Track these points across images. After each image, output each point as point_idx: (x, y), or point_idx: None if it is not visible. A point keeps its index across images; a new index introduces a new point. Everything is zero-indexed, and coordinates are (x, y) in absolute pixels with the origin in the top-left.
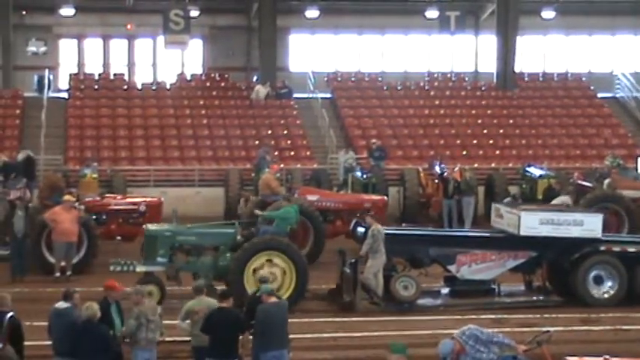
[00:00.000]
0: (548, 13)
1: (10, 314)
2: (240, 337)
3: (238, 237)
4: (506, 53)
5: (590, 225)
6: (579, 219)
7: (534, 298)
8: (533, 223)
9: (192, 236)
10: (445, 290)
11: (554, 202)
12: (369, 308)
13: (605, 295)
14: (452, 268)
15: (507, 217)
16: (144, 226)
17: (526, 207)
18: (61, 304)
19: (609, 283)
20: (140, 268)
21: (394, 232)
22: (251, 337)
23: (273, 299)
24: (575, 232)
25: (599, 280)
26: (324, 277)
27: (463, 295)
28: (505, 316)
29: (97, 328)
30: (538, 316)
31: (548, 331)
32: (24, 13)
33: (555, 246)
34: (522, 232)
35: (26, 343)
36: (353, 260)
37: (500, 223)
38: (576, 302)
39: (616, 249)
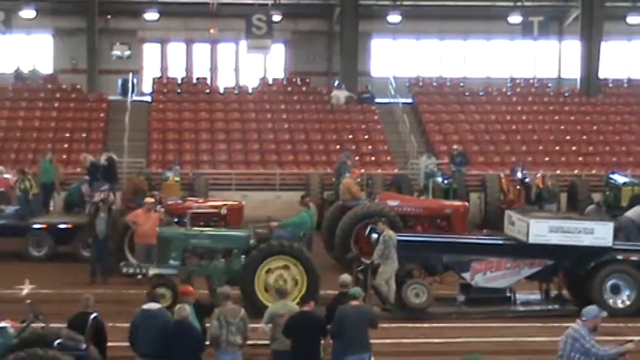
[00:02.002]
0: (633, 19)
1: (93, 315)
2: (322, 341)
3: (251, 241)
4: (591, 59)
5: (600, 233)
6: (590, 227)
7: (550, 307)
8: (542, 230)
9: (205, 239)
10: (460, 298)
11: (634, 209)
12: (381, 315)
13: (622, 305)
14: (466, 275)
15: (518, 225)
16: (157, 228)
17: (536, 214)
18: (152, 306)
19: (627, 293)
20: (153, 271)
21: (407, 239)
22: (332, 341)
23: (355, 303)
24: (585, 240)
25: (616, 290)
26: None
27: (478, 303)
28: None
29: (190, 329)
30: (622, 325)
31: (631, 341)
32: (109, 17)
33: (572, 254)
34: (531, 240)
35: (109, 343)
36: (363, 267)
37: (512, 231)
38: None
39: (634, 258)
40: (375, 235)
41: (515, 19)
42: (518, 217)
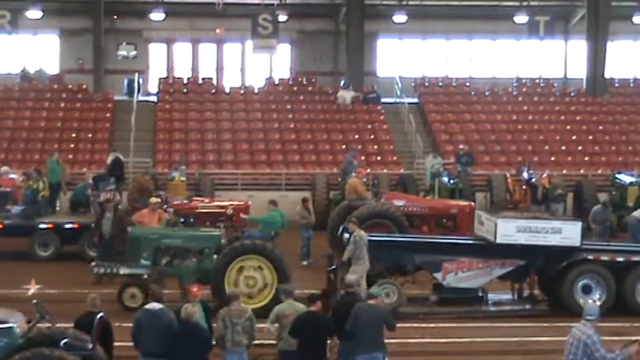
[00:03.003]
0: (639, 18)
1: (100, 315)
2: (329, 341)
3: (223, 240)
4: (597, 58)
5: (568, 233)
6: (557, 227)
7: (521, 307)
8: (509, 230)
9: (177, 239)
10: (433, 298)
11: None
12: None
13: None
14: (438, 275)
15: (487, 225)
16: (128, 228)
17: (504, 214)
18: (154, 306)
19: (598, 293)
20: (123, 271)
21: (379, 239)
22: (339, 341)
23: (371, 302)
24: (553, 240)
25: (587, 290)
26: (312, 281)
27: (449, 303)
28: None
29: (197, 329)
30: (628, 325)
31: (637, 340)
32: (115, 17)
33: (542, 254)
34: (499, 240)
35: (115, 343)
36: (334, 267)
37: (481, 230)
38: (564, 312)
39: (604, 258)
40: (346, 235)
41: (521, 18)
42: (487, 217)
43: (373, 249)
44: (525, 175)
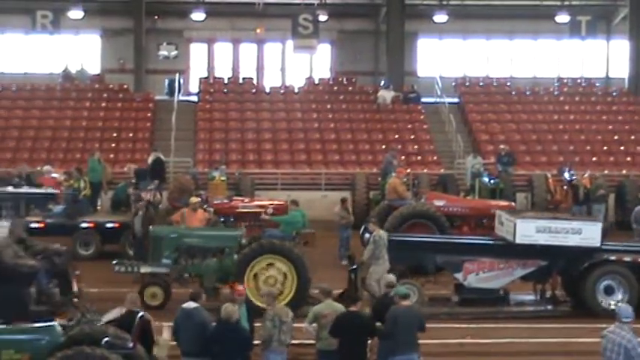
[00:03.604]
0: None
1: (140, 314)
2: (369, 341)
3: (243, 240)
4: (639, 58)
5: (588, 233)
6: (577, 227)
7: (543, 307)
8: (529, 230)
9: (197, 238)
10: (454, 298)
11: None
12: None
13: (613, 306)
14: (459, 276)
15: (506, 225)
16: (150, 226)
17: (524, 214)
18: (190, 305)
19: (620, 294)
20: (145, 270)
21: (399, 239)
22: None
23: (407, 303)
24: (573, 240)
25: (610, 291)
26: (334, 281)
27: (471, 303)
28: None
29: (237, 330)
30: None
31: None
32: (156, 17)
33: (564, 255)
34: (518, 240)
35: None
36: (355, 266)
37: (501, 231)
38: (586, 312)
39: (627, 259)
40: (367, 235)
41: (562, 18)
42: (507, 217)
43: (394, 249)
44: (567, 175)
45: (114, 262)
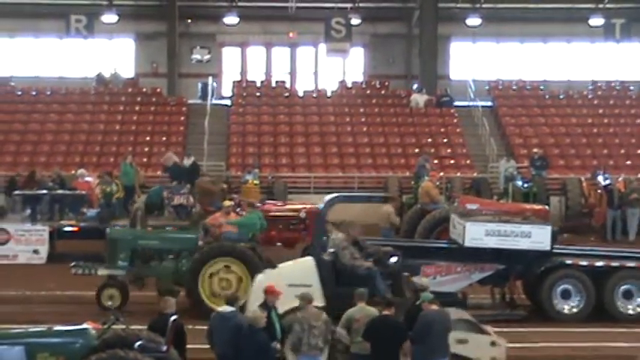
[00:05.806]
0: None
1: (174, 317)
2: (403, 345)
3: (200, 242)
4: None
5: (538, 237)
6: (527, 231)
7: (499, 311)
8: (478, 234)
9: (154, 240)
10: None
11: None
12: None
13: (568, 311)
14: (416, 279)
15: (458, 228)
16: (107, 228)
17: (474, 217)
18: (226, 309)
19: (577, 298)
20: (102, 272)
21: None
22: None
23: (435, 307)
24: (523, 244)
25: (567, 295)
26: None
27: None
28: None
29: (255, 335)
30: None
31: None
32: (189, 21)
33: (520, 259)
34: (467, 244)
35: (188, 346)
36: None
37: (454, 234)
38: (543, 317)
39: (583, 263)
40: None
41: (596, 21)
42: (458, 221)
43: None
44: (601, 179)
45: (71, 264)
